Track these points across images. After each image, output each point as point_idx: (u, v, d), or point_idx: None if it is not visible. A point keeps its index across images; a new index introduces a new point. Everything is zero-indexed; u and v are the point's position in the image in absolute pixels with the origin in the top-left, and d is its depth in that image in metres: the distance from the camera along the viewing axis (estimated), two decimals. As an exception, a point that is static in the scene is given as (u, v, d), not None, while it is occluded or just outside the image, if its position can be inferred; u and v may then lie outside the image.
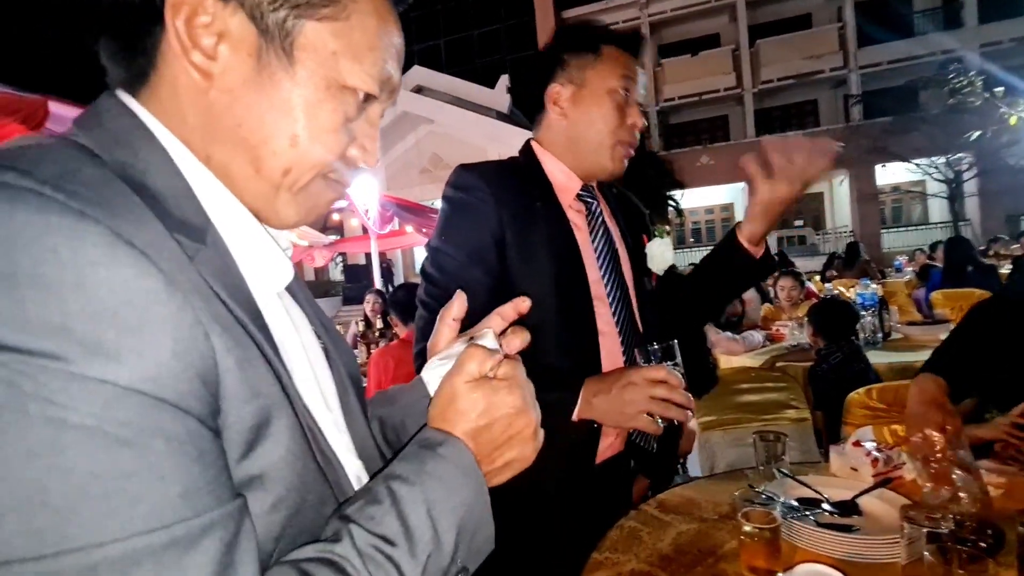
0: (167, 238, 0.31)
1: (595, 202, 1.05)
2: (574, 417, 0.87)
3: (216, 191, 0.39)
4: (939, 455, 0.92)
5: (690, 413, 0.82)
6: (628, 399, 0.82)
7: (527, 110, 1.07)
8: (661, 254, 1.09)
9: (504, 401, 0.43)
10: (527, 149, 1.06)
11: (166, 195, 0.35)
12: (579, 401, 0.86)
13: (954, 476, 0.89)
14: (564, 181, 1.03)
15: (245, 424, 0.33)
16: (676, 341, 0.86)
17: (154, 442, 0.27)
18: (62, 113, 2.81)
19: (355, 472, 0.47)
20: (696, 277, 1.11)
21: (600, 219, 1.05)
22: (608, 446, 1.01)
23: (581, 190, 1.04)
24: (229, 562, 0.29)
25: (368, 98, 0.42)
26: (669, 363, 0.83)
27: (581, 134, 1.00)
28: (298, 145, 0.39)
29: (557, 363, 0.94)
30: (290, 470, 0.36)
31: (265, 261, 0.40)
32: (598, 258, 1.02)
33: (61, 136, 0.34)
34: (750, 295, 4.24)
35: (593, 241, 1.03)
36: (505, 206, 0.93)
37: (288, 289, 0.46)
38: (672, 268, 1.15)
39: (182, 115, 0.37)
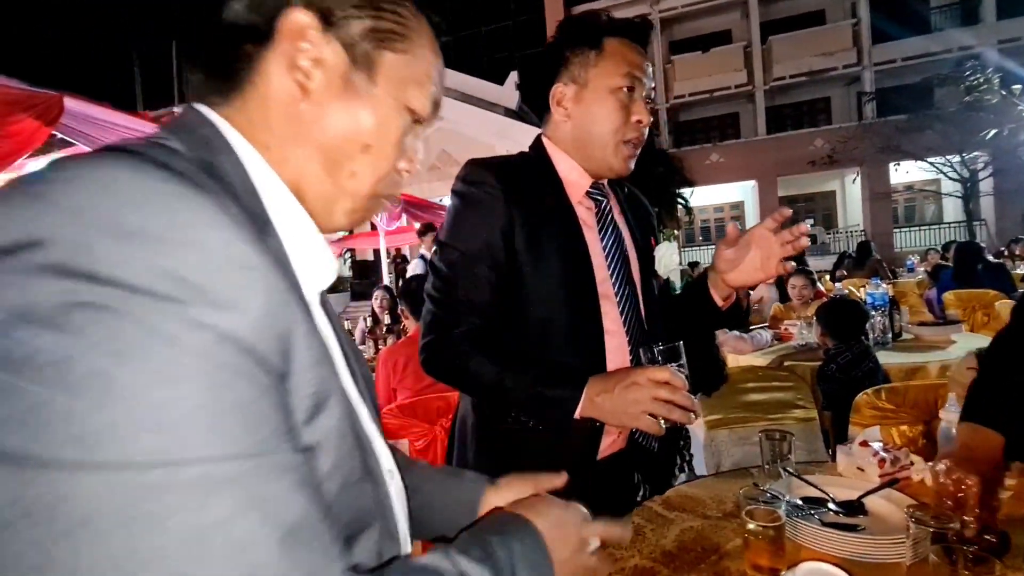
0: (248, 220, 0.36)
1: (605, 200, 1.05)
2: (577, 415, 0.87)
3: (279, 193, 0.44)
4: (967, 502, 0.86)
5: (693, 415, 0.81)
6: (631, 399, 0.81)
7: (535, 110, 1.06)
8: (668, 257, 1.11)
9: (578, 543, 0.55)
10: (537, 144, 1.05)
11: (238, 191, 0.40)
12: (582, 399, 0.86)
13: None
14: (574, 178, 1.02)
15: (307, 391, 0.37)
16: (681, 342, 0.85)
17: (243, 384, 0.31)
18: (77, 109, 2.84)
19: (387, 466, 0.51)
20: (674, 311, 1.12)
21: (610, 217, 1.04)
22: (611, 443, 1.01)
23: (591, 187, 1.03)
24: (302, 500, 0.33)
25: (419, 120, 0.49)
26: (674, 364, 0.83)
27: (586, 134, 0.99)
28: (369, 152, 0.46)
29: (563, 359, 0.94)
30: (338, 445, 0.41)
31: (316, 260, 0.45)
32: (607, 256, 1.01)
33: (149, 138, 0.40)
34: (765, 292, 4.21)
35: (602, 239, 1.02)
36: (515, 202, 0.93)
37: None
38: (666, 283, 1.15)
39: (269, 122, 0.44)
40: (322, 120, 0.44)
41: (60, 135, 3.00)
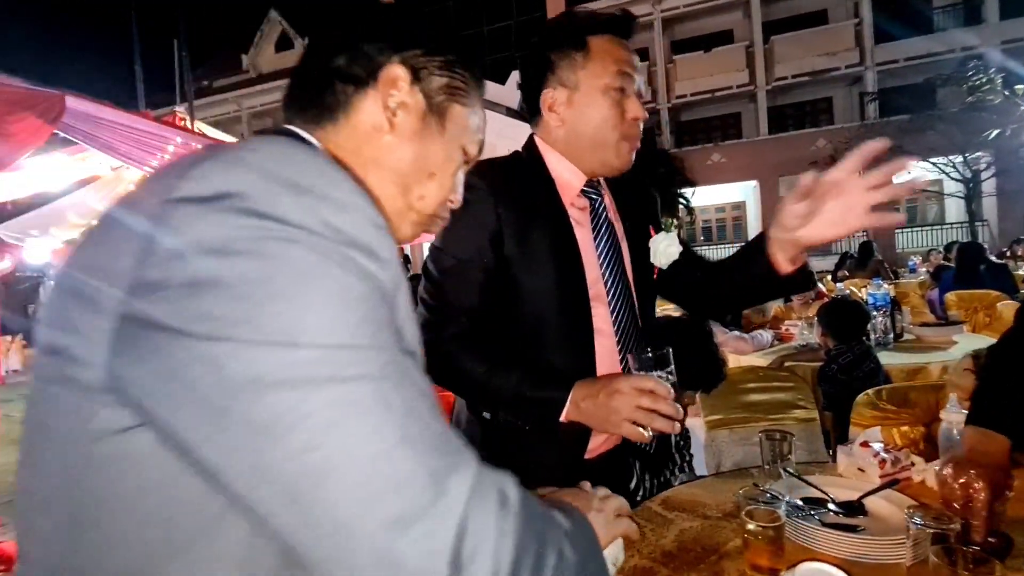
0: None
1: (600, 198, 1.04)
2: (562, 418, 0.88)
3: None
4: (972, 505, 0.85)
5: (678, 425, 0.80)
6: (614, 407, 0.81)
7: (528, 114, 1.05)
8: (665, 249, 1.06)
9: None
10: (530, 144, 1.04)
11: None
12: (568, 403, 0.87)
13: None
14: (567, 177, 1.01)
15: (407, 338, 0.45)
16: (670, 349, 0.85)
17: (383, 312, 0.40)
18: (79, 108, 2.85)
19: None
20: (717, 276, 1.07)
21: (604, 215, 1.03)
22: (604, 441, 1.01)
23: (586, 186, 1.02)
24: (431, 396, 0.41)
25: (467, 159, 0.61)
26: (661, 371, 0.82)
27: (583, 137, 0.98)
28: (434, 180, 0.58)
29: (552, 360, 0.94)
30: None
31: None
32: (599, 256, 1.00)
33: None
34: None
35: (596, 238, 1.01)
36: (504, 204, 0.93)
37: None
38: (687, 248, 1.10)
39: (357, 148, 0.54)
40: (400, 150, 0.55)
41: (62, 134, 3.00)
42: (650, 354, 0.83)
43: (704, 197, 15.70)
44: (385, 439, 0.35)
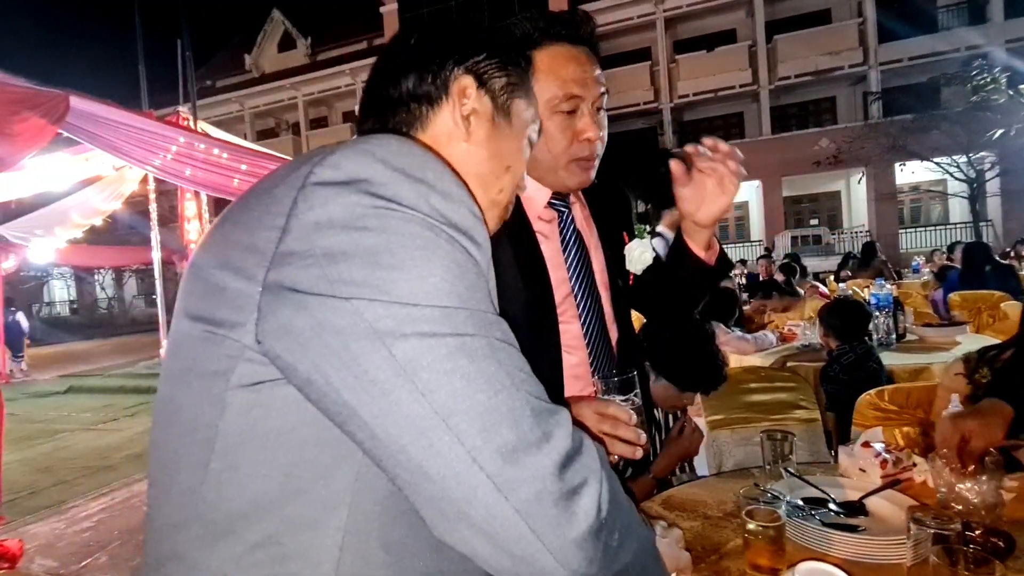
0: None
1: (567, 211, 1.00)
2: None
3: None
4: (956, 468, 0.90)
5: (640, 451, 0.78)
6: None
7: None
8: (640, 255, 1.04)
9: None
10: None
11: None
12: None
13: (970, 485, 0.87)
14: (531, 192, 0.97)
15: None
16: (636, 373, 0.84)
17: (483, 291, 0.46)
18: (83, 108, 2.86)
19: None
20: (653, 291, 1.06)
21: (572, 227, 1.00)
22: None
23: (553, 197, 0.98)
24: (530, 377, 0.45)
25: (531, 147, 0.65)
26: (626, 395, 0.82)
27: (534, 158, 0.89)
28: (510, 171, 0.61)
29: None
30: None
31: None
32: (569, 269, 0.97)
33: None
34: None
35: (564, 251, 0.98)
36: None
37: None
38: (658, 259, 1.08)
39: (440, 151, 0.57)
40: (479, 154, 0.59)
41: (66, 133, 3.01)
42: (616, 378, 0.83)
43: (706, 197, 15.65)
44: (498, 381, 0.41)
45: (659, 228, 2.81)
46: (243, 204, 0.48)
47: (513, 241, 0.93)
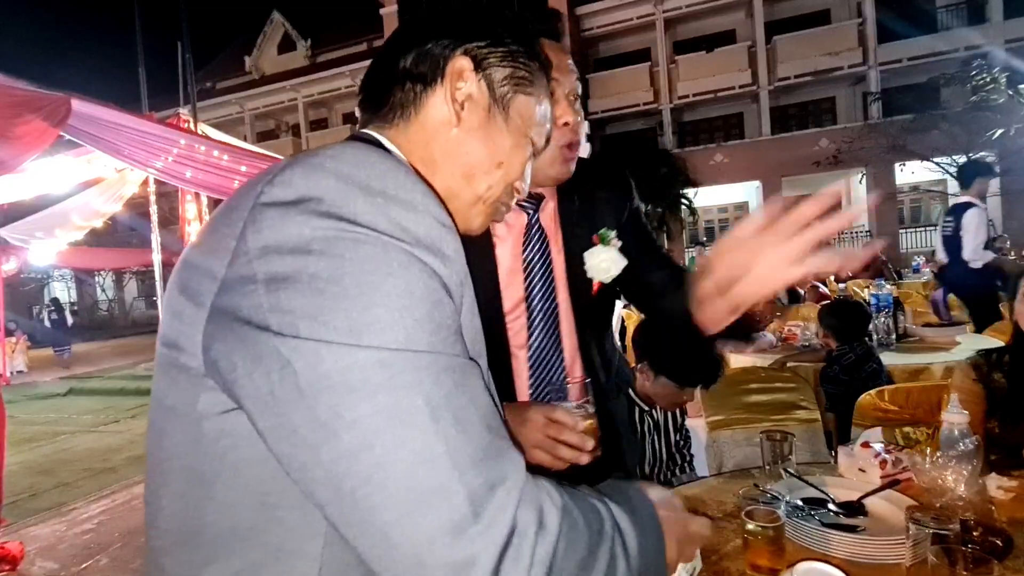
0: None
1: (535, 213, 0.97)
2: None
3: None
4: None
5: (585, 456, 0.79)
6: (524, 435, 0.81)
7: None
8: (599, 264, 0.97)
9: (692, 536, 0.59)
10: None
11: None
12: None
13: (951, 475, 0.88)
14: None
15: (468, 338, 0.46)
16: (589, 380, 0.85)
17: (444, 309, 0.42)
18: (84, 111, 2.86)
19: None
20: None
21: (536, 229, 0.97)
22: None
23: (522, 199, 0.93)
24: (486, 395, 0.42)
25: (535, 150, 0.62)
26: (578, 403, 0.83)
27: None
28: (501, 168, 0.58)
29: None
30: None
31: None
32: (527, 276, 0.95)
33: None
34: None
35: (525, 253, 0.95)
36: None
37: None
38: (667, 257, 1.04)
39: (428, 143, 0.56)
40: (468, 143, 0.56)
41: (68, 136, 3.02)
42: (568, 384, 0.85)
43: (707, 198, 15.65)
44: (428, 451, 0.37)
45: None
46: (211, 223, 0.46)
47: (464, 246, 0.90)
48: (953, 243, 3.91)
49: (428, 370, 0.39)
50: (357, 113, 0.63)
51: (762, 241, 0.64)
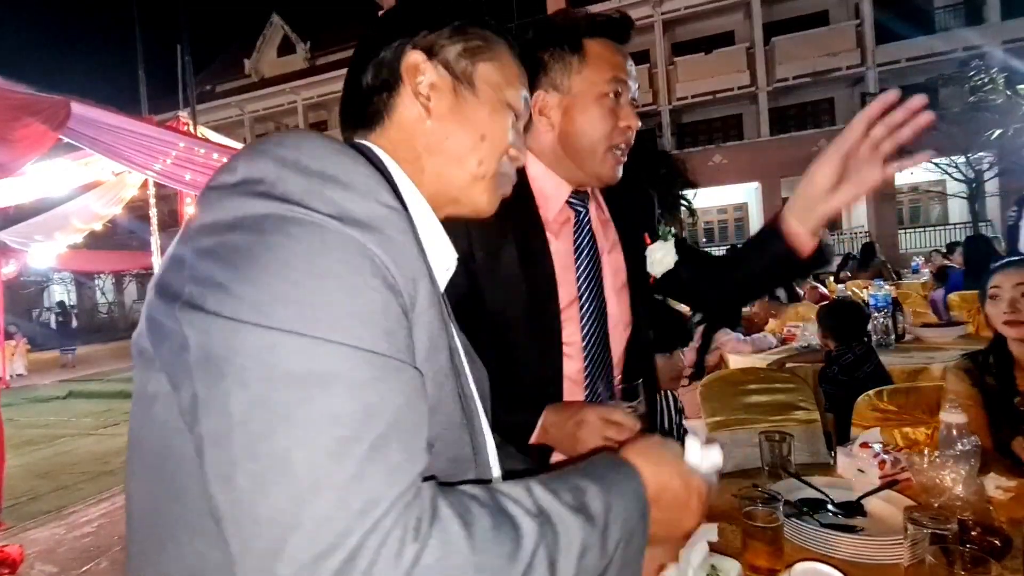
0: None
1: (584, 210, 0.99)
2: (532, 441, 0.88)
3: (417, 198, 0.55)
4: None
5: None
6: (580, 437, 0.81)
7: None
8: (661, 259, 1.02)
9: (693, 507, 0.54)
10: None
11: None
12: (537, 427, 0.87)
13: (949, 475, 0.88)
14: (551, 190, 0.97)
15: (424, 333, 0.44)
16: (641, 381, 0.85)
17: (375, 293, 0.40)
18: (84, 114, 2.87)
19: (494, 460, 0.56)
20: (724, 269, 1.05)
21: (587, 228, 0.99)
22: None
23: (572, 197, 0.98)
24: (411, 403, 0.40)
25: (516, 112, 0.61)
26: (630, 403, 0.84)
27: (572, 144, 0.94)
28: (486, 140, 0.58)
29: (520, 378, 0.92)
30: (444, 391, 0.47)
31: (441, 253, 0.56)
32: (578, 272, 0.96)
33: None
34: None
35: (576, 253, 0.97)
36: (475, 224, 0.92)
37: None
38: (683, 242, 1.06)
39: (408, 141, 0.56)
40: (445, 130, 0.56)
41: (67, 139, 3.02)
42: (621, 385, 0.86)
43: (706, 199, 15.67)
44: (316, 469, 0.34)
45: None
46: None
47: (520, 240, 0.93)
48: (1014, 233, 4.08)
49: (342, 365, 0.37)
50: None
51: (847, 154, 0.81)
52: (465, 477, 0.48)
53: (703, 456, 0.55)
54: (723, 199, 17.05)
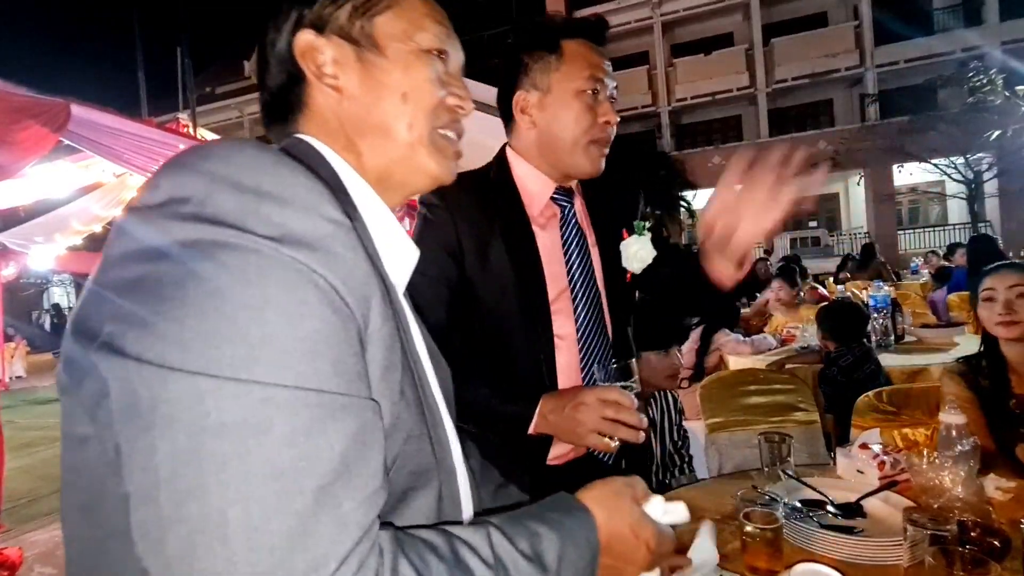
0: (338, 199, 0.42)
1: (570, 205, 1.02)
2: (531, 431, 0.89)
3: (364, 191, 0.51)
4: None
5: (642, 434, 0.80)
6: (579, 419, 0.82)
7: (503, 118, 1.04)
8: (636, 253, 1.03)
9: (639, 556, 0.52)
10: (500, 156, 1.04)
11: (331, 184, 0.45)
12: (535, 416, 0.88)
13: (949, 476, 0.89)
14: (536, 187, 1.00)
15: (380, 352, 0.41)
16: (634, 360, 0.86)
17: (322, 320, 0.36)
18: (84, 116, 2.87)
19: (457, 459, 0.54)
20: (664, 297, 1.09)
21: (574, 222, 1.02)
22: (568, 451, 0.98)
23: (556, 192, 1.01)
24: (362, 441, 0.36)
25: (442, 53, 0.55)
26: (625, 382, 0.84)
27: (553, 140, 0.97)
28: (409, 99, 0.52)
29: (515, 370, 0.94)
30: (404, 407, 0.44)
31: (398, 249, 0.52)
32: (568, 264, 0.99)
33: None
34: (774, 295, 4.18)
35: (564, 246, 1.00)
36: (463, 220, 0.94)
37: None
38: (676, 248, 1.11)
39: (336, 129, 0.52)
40: (362, 104, 0.51)
41: (67, 141, 3.02)
42: (614, 364, 0.85)
43: (705, 199, 15.68)
44: (254, 528, 0.31)
45: None
46: None
47: (507, 235, 0.95)
48: None
49: (280, 407, 0.33)
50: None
51: (739, 199, 0.81)
52: (429, 487, 0.46)
53: (665, 511, 0.56)
54: (723, 200, 17.05)
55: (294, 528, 0.32)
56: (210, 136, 4.60)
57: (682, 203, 13.48)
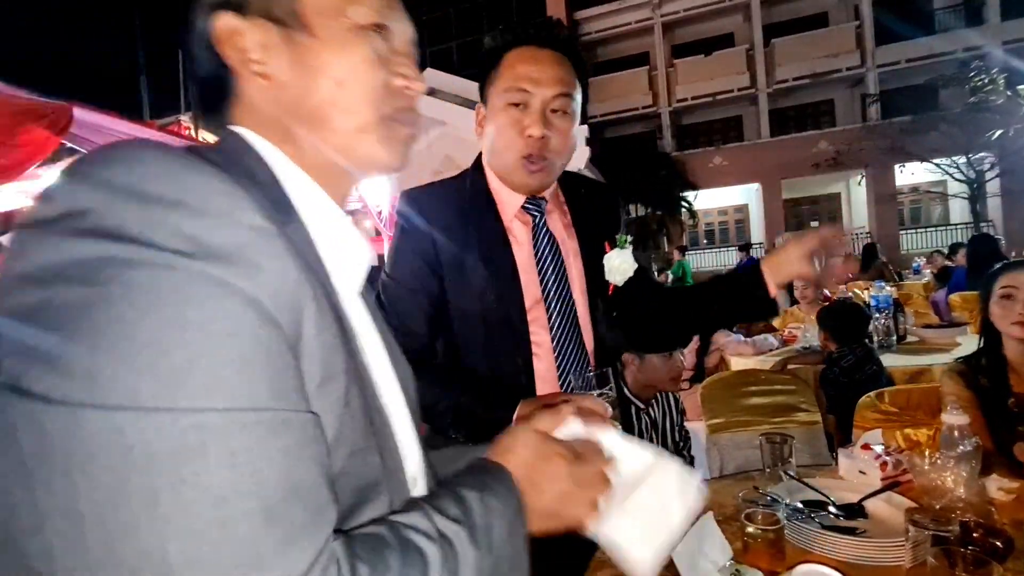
0: (267, 202, 0.39)
1: (540, 215, 1.01)
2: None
3: (303, 185, 0.47)
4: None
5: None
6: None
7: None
8: (619, 266, 1.04)
9: (561, 470, 0.52)
10: (476, 163, 1.04)
11: (260, 180, 0.44)
12: (513, 420, 0.87)
13: (951, 477, 0.89)
14: (505, 197, 1.00)
15: (315, 364, 0.39)
16: (611, 368, 0.86)
17: (248, 338, 0.33)
18: (86, 119, 2.88)
19: (417, 468, 0.52)
20: (701, 298, 1.08)
21: (545, 232, 1.01)
22: None
23: (527, 203, 1.00)
24: (306, 456, 0.34)
25: (382, 28, 0.49)
26: (601, 389, 0.84)
27: (492, 155, 0.98)
28: (345, 85, 0.47)
29: (494, 375, 0.95)
30: (346, 420, 0.41)
31: (346, 248, 0.48)
32: (540, 274, 0.99)
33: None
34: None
35: (536, 255, 0.99)
36: (439, 228, 0.94)
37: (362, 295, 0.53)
38: (644, 272, 1.09)
39: (271, 120, 0.47)
40: (296, 89, 0.46)
41: (70, 144, 3.03)
42: (591, 373, 0.86)
43: (706, 200, 15.67)
44: (199, 561, 0.29)
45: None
46: None
47: (482, 241, 0.96)
48: None
49: (205, 434, 0.30)
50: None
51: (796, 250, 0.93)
52: (376, 501, 0.43)
53: (569, 430, 0.58)
54: (723, 200, 17.06)
55: (242, 555, 0.30)
56: (211, 139, 4.61)
57: (683, 204, 13.48)
